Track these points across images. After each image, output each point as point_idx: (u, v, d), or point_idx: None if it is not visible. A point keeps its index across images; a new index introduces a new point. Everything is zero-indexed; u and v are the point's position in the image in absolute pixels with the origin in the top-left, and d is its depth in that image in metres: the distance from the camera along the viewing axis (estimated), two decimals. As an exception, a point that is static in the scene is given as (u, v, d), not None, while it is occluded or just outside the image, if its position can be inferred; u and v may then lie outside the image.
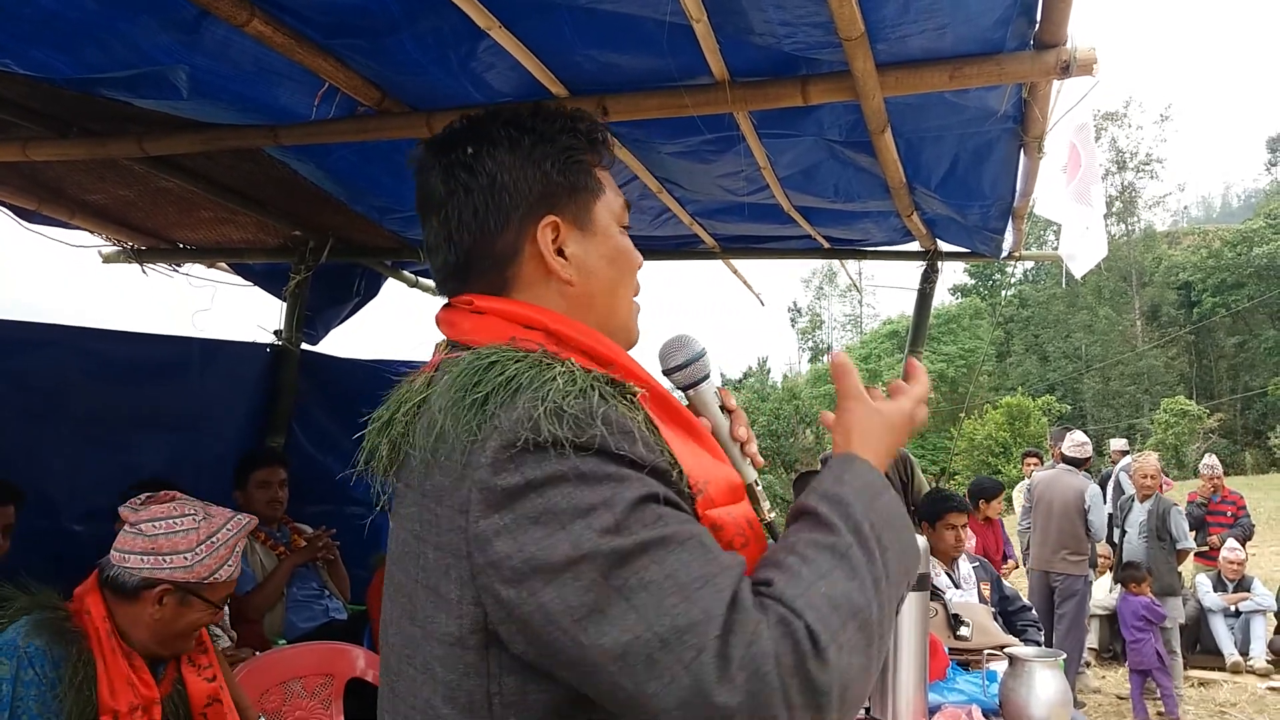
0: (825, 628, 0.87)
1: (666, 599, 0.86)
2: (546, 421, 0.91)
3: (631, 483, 0.92)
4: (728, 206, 3.83)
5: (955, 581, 3.99)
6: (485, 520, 0.92)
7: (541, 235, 1.11)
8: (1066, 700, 2.39)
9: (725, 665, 0.83)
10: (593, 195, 1.16)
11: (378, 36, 2.39)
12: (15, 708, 1.94)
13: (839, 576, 0.92)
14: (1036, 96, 2.55)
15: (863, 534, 0.96)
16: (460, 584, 0.95)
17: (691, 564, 0.88)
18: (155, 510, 2.16)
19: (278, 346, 4.81)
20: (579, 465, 0.91)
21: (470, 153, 1.12)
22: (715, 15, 2.17)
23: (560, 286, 1.13)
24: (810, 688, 0.85)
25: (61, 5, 2.18)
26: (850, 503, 0.99)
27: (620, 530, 0.88)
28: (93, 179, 3.72)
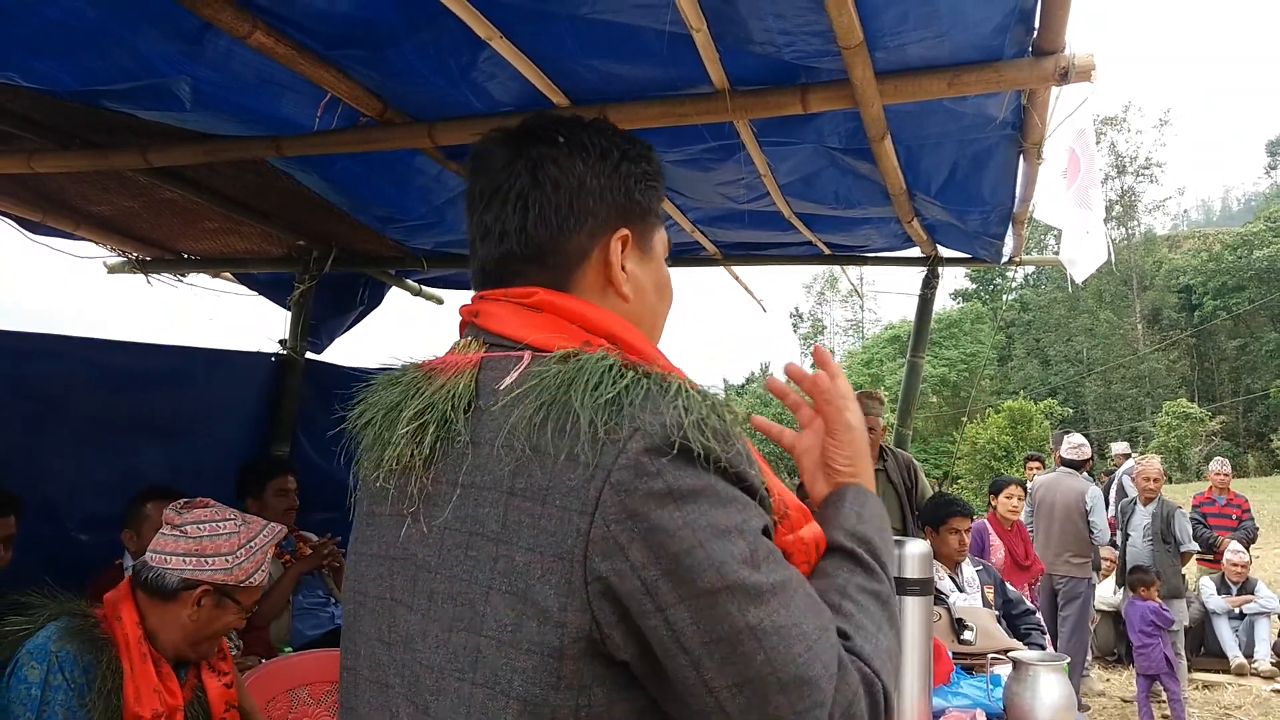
0: (889, 682, 0.95)
1: (794, 646, 0.88)
2: (695, 431, 0.89)
3: (754, 511, 0.93)
4: (729, 214, 3.84)
5: (959, 585, 3.99)
6: (619, 524, 0.88)
7: (614, 245, 1.11)
8: (1071, 704, 2.39)
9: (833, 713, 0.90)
10: (658, 222, 1.19)
11: (379, 47, 2.41)
12: (42, 712, 1.96)
13: (887, 627, 1.01)
14: (1035, 103, 2.56)
15: (889, 574, 1.05)
16: (566, 589, 0.89)
17: (809, 613, 0.92)
18: (198, 514, 2.22)
19: (282, 355, 4.82)
20: (717, 484, 0.90)
21: (565, 150, 1.11)
22: (715, 24, 2.18)
23: (616, 300, 1.12)
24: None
25: (65, 17, 2.19)
26: (877, 544, 1.07)
27: (754, 563, 0.89)
28: (96, 190, 3.74)
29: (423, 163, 3.24)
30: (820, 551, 1.07)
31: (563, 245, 1.09)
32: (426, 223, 3.84)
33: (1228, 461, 9.30)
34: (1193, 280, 44.82)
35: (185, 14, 2.18)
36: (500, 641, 0.91)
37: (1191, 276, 44.94)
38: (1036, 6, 2.10)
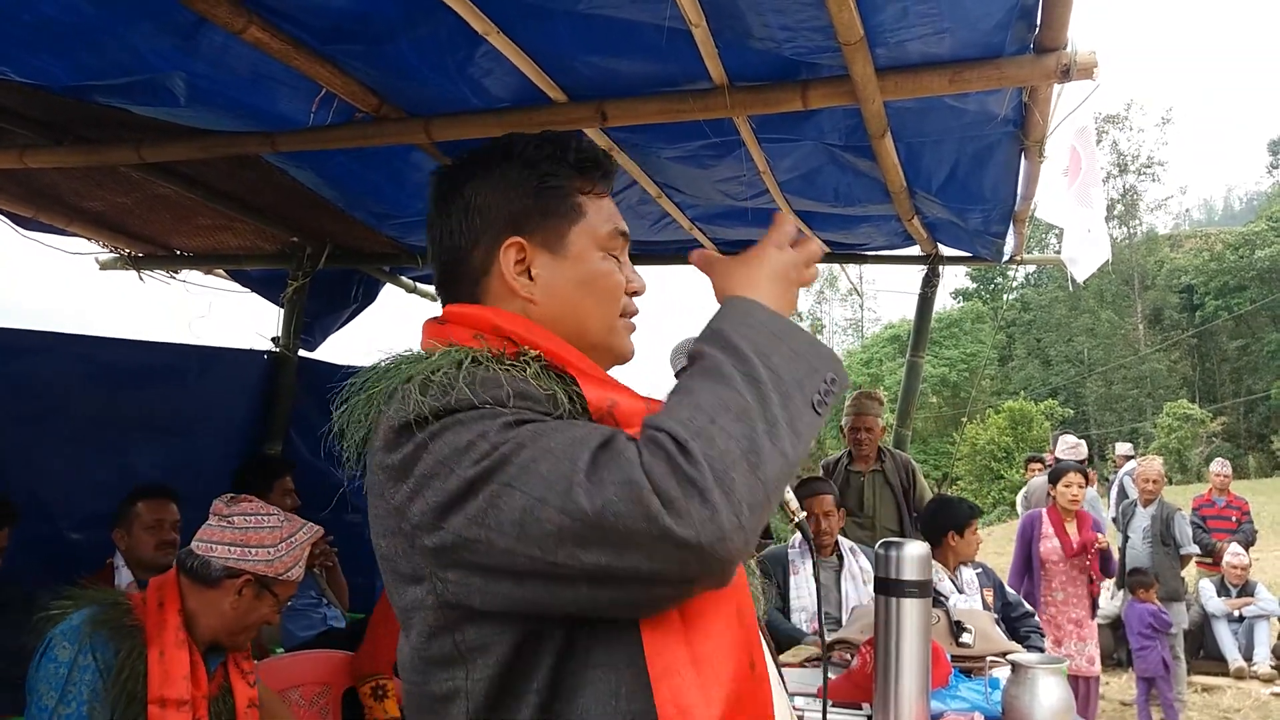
0: (687, 427, 0.92)
1: (540, 466, 0.93)
2: (416, 396, 1.02)
3: (501, 414, 1.00)
4: (728, 211, 3.83)
5: (958, 587, 3.98)
6: (396, 493, 1.02)
7: (504, 256, 1.19)
8: (1070, 707, 2.38)
9: (597, 488, 0.89)
10: (567, 221, 1.21)
11: (375, 42, 2.39)
12: (67, 691, 2.01)
13: (707, 386, 0.97)
14: (1037, 100, 2.54)
15: (733, 346, 0.99)
16: (408, 556, 1.03)
17: (561, 434, 0.96)
18: (244, 507, 2.32)
19: (275, 353, 4.80)
20: (449, 422, 1.00)
21: (458, 179, 1.23)
22: (714, 20, 2.16)
23: (523, 303, 1.19)
24: (683, 478, 0.88)
25: (59, 11, 2.18)
26: (721, 329, 1.03)
27: (495, 448, 0.96)
28: (90, 186, 3.72)
29: (419, 159, 3.22)
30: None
31: (464, 264, 1.22)
32: (422, 219, 3.80)
33: (1229, 463, 9.28)
34: (1194, 280, 44.80)
35: (180, 9, 2.16)
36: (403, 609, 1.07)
37: (1193, 276, 44.93)
38: (1038, 3, 2.08)
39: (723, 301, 1.09)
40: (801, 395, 0.99)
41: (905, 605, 2.17)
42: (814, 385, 1.01)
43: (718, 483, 0.89)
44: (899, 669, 2.18)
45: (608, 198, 1.27)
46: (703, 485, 0.88)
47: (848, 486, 4.97)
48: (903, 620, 2.17)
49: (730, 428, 0.92)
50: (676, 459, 0.90)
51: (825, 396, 1.02)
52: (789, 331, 1.04)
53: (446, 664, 1.03)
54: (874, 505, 4.91)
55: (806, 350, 1.03)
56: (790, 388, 0.98)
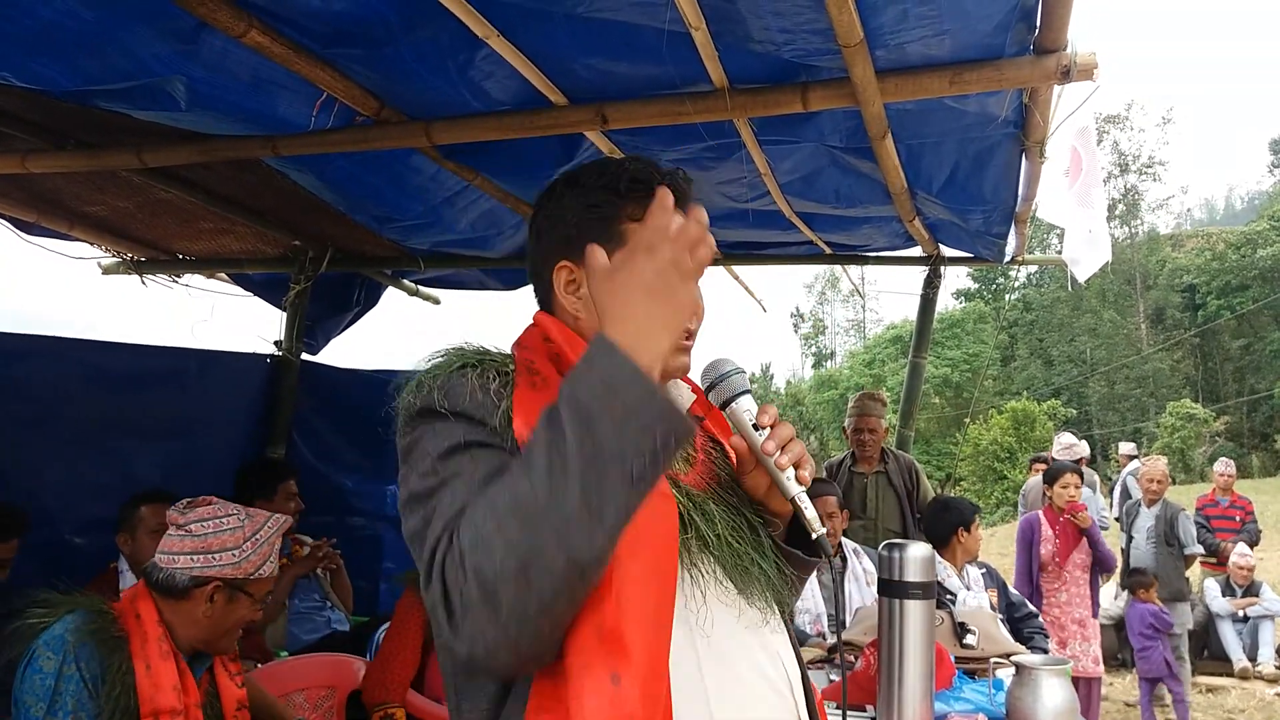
0: (471, 537, 0.99)
1: (435, 525, 1.06)
2: (409, 395, 1.21)
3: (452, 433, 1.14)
4: (729, 213, 3.82)
5: (966, 584, 3.98)
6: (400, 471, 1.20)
7: (556, 277, 1.33)
8: (1074, 709, 2.37)
9: (428, 580, 1.03)
10: (611, 246, 1.19)
11: (376, 46, 2.39)
12: (54, 702, 1.98)
13: (515, 477, 1.00)
14: (1037, 101, 2.54)
15: (556, 420, 0.98)
16: None
17: (457, 495, 1.08)
18: (201, 512, 2.24)
19: (278, 356, 4.81)
20: (427, 424, 1.17)
21: (537, 207, 1.39)
22: (714, 23, 2.16)
23: (572, 319, 1.32)
24: (460, 596, 0.98)
25: (59, 16, 2.18)
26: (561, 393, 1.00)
27: (431, 473, 1.12)
28: (91, 190, 3.72)
29: (420, 162, 3.22)
30: None
31: (538, 280, 1.38)
32: (423, 222, 3.82)
33: (1233, 463, 9.25)
34: (1196, 280, 44.73)
35: (180, 13, 2.16)
36: None
37: (1195, 276, 44.86)
38: (1038, 4, 2.08)
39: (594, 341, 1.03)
40: (619, 469, 0.95)
41: (909, 607, 2.16)
42: (640, 449, 0.96)
43: (484, 600, 0.96)
44: (902, 670, 2.17)
45: None
46: (468, 602, 0.97)
47: (850, 488, 4.96)
48: (906, 621, 2.16)
49: (513, 536, 0.95)
50: (455, 572, 0.99)
51: (651, 464, 0.98)
52: (626, 381, 0.98)
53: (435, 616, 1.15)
54: (876, 507, 4.91)
55: (639, 405, 0.97)
56: (607, 463, 0.95)
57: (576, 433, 0.96)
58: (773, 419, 1.29)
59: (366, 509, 4.99)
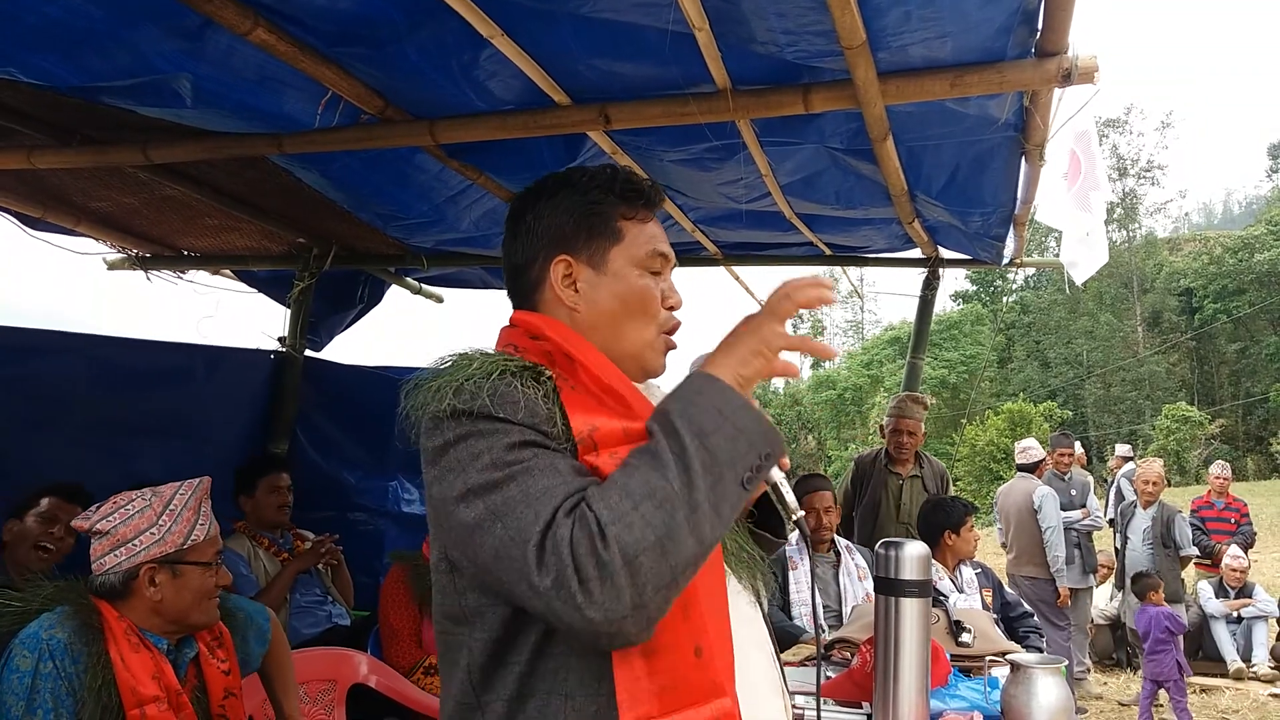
0: (611, 512, 1.05)
1: (518, 510, 1.10)
2: (451, 396, 1.19)
3: (510, 432, 1.16)
4: (730, 213, 3.84)
5: (957, 586, 3.99)
6: (427, 474, 1.22)
7: (553, 271, 1.36)
8: (1069, 707, 2.39)
9: (541, 554, 1.06)
10: (609, 241, 1.37)
11: (381, 45, 2.41)
12: (32, 700, 1.97)
13: (643, 470, 1.09)
14: (1038, 104, 2.56)
15: (674, 428, 1.11)
16: (434, 525, 1.25)
17: (541, 481, 1.12)
18: (104, 509, 2.20)
19: (281, 353, 4.82)
20: (473, 425, 1.17)
21: (524, 205, 1.41)
22: (717, 24, 2.18)
23: (569, 311, 1.35)
24: (598, 561, 1.03)
25: (65, 13, 2.19)
26: (670, 409, 1.14)
27: (495, 466, 1.13)
28: (97, 186, 3.73)
29: (424, 160, 3.24)
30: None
31: (524, 278, 1.40)
32: (427, 220, 3.84)
33: (1228, 465, 9.27)
34: (1193, 283, 44.74)
35: (186, 11, 2.18)
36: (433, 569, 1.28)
37: (1192, 279, 44.86)
38: (1040, 7, 2.09)
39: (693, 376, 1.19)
40: (733, 474, 1.11)
41: (905, 605, 2.18)
42: (748, 462, 1.13)
43: (626, 566, 1.03)
44: (898, 668, 2.19)
45: (651, 222, 1.41)
46: (612, 570, 1.03)
47: (885, 488, 4.95)
48: (902, 619, 2.18)
49: (649, 514, 1.05)
50: (595, 541, 1.04)
51: (755, 473, 1.15)
52: (735, 409, 1.14)
53: (456, 620, 1.23)
54: (910, 511, 4.85)
55: (748, 427, 1.14)
56: (723, 468, 1.10)
57: (694, 443, 1.10)
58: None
59: (368, 504, 4.99)
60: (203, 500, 2.28)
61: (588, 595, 1.03)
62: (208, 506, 2.29)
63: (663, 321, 1.39)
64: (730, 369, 1.19)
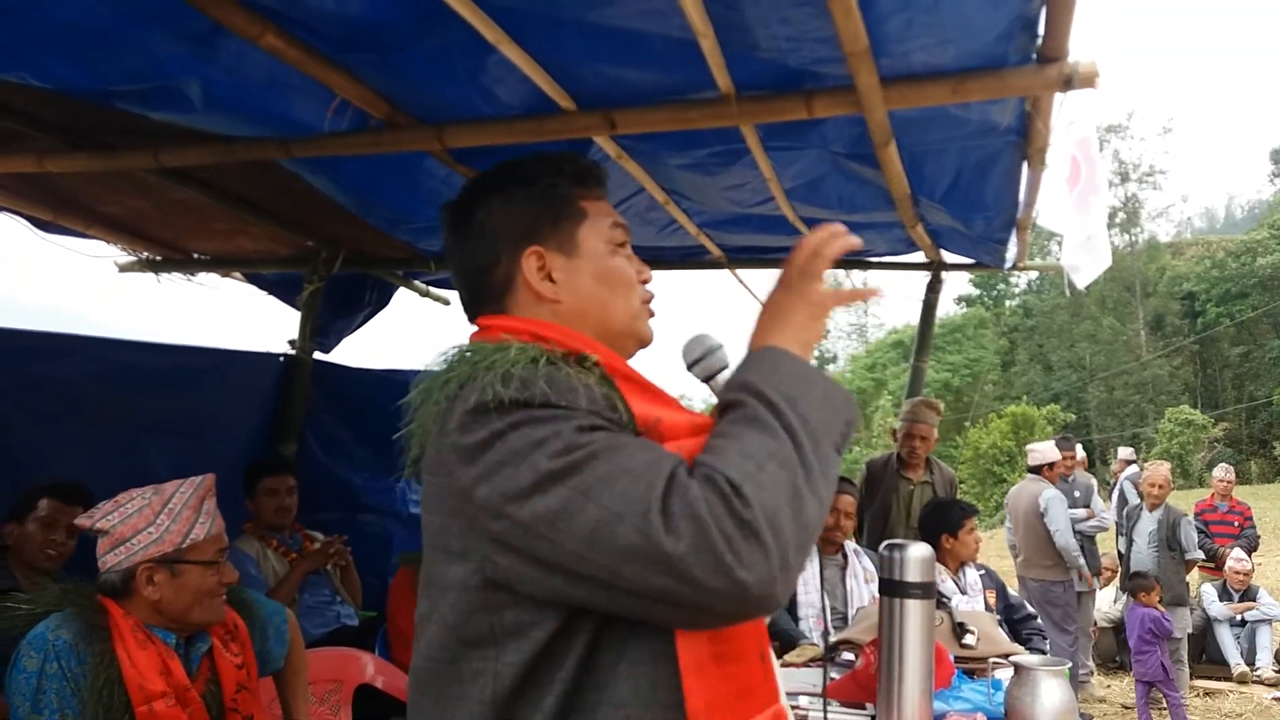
0: (739, 472, 0.98)
1: (617, 484, 0.99)
2: (497, 386, 1.08)
3: (576, 415, 1.06)
4: (734, 217, 3.86)
5: (961, 588, 4.01)
6: (464, 475, 1.08)
7: (526, 265, 1.27)
8: (1072, 709, 2.40)
9: (669, 519, 0.96)
10: (574, 222, 1.30)
11: (388, 51, 2.42)
12: (38, 700, 1.99)
13: (751, 434, 1.03)
14: (1039, 110, 2.57)
15: (767, 398, 1.06)
16: (462, 536, 1.09)
17: (636, 455, 1.03)
18: (105, 508, 2.20)
19: (291, 355, 4.85)
20: (528, 414, 1.06)
21: (469, 203, 1.31)
22: (721, 31, 2.19)
23: (550, 306, 1.27)
24: (740, 520, 0.95)
25: (77, 17, 2.21)
26: (752, 380, 1.09)
27: (570, 449, 1.02)
28: (107, 190, 3.76)
29: (431, 165, 3.26)
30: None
31: (489, 281, 1.29)
32: (434, 225, 3.82)
33: (1232, 469, 9.26)
34: (1196, 287, 44.62)
35: (197, 16, 2.20)
36: (440, 587, 1.13)
37: (1195, 283, 44.74)
38: (1041, 13, 2.11)
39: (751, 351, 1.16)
40: (829, 439, 1.08)
41: (909, 606, 2.19)
42: (837, 429, 1.10)
43: (769, 525, 0.96)
44: (902, 669, 2.21)
45: (604, 200, 1.36)
46: (757, 528, 0.96)
47: (897, 493, 4.95)
48: (906, 621, 2.19)
49: (775, 474, 1.00)
50: (733, 501, 0.96)
51: (843, 440, 1.11)
52: (814, 377, 1.12)
53: (478, 644, 1.10)
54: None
55: (831, 395, 1.11)
56: (819, 434, 1.06)
57: (788, 409, 1.05)
58: None
59: (376, 505, 5.01)
60: (205, 498, 2.27)
61: (736, 556, 0.94)
62: (211, 505, 2.28)
63: (641, 294, 1.35)
64: (793, 338, 1.16)
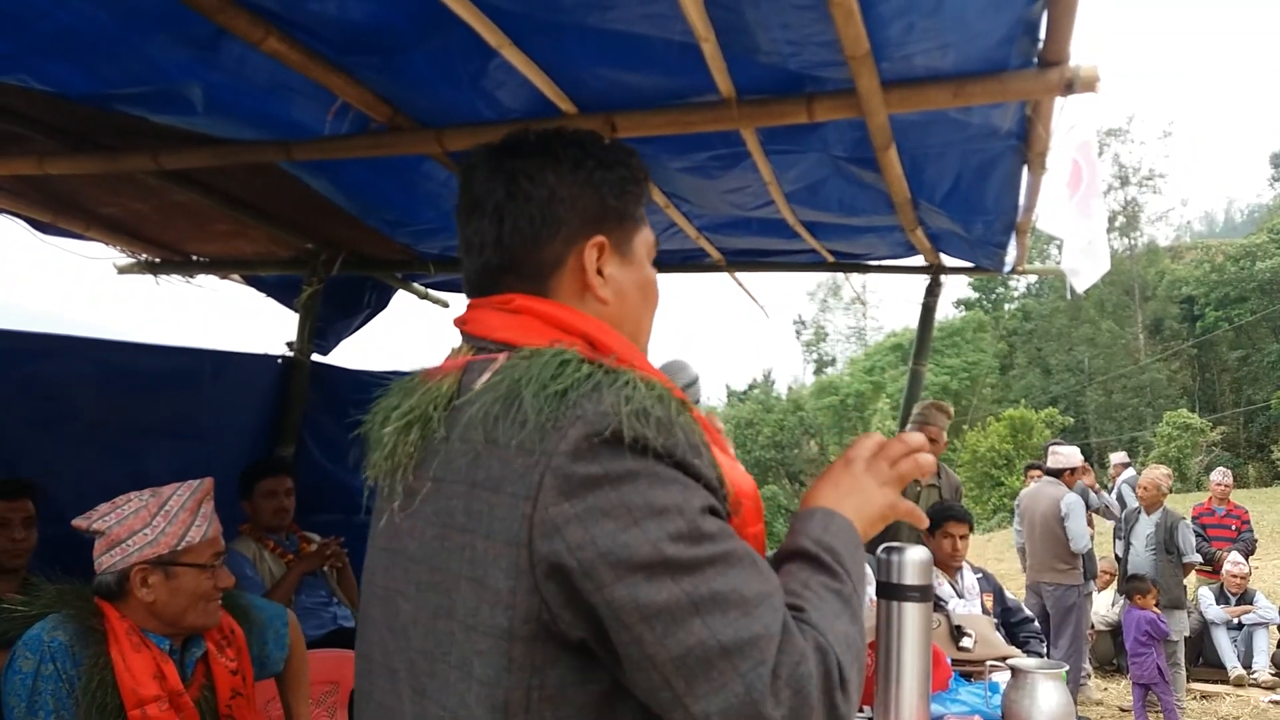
0: (847, 662, 0.96)
1: (731, 611, 0.91)
2: (633, 419, 0.94)
3: (696, 491, 0.96)
4: (734, 221, 3.86)
5: (958, 592, 4.01)
6: (556, 507, 0.93)
7: (589, 252, 1.16)
8: (1069, 712, 2.41)
9: (776, 680, 0.90)
10: (636, 226, 1.23)
11: (390, 54, 2.43)
12: (34, 701, 1.99)
13: (847, 620, 1.01)
14: (1040, 114, 2.58)
15: (854, 582, 1.06)
16: (514, 573, 0.95)
17: (752, 580, 0.94)
18: (103, 509, 2.20)
19: (289, 357, 4.85)
20: (654, 467, 0.94)
21: (537, 163, 1.16)
22: (723, 34, 2.20)
23: (595, 304, 1.16)
24: (834, 714, 0.93)
25: (79, 21, 2.21)
26: (840, 550, 1.08)
27: (692, 538, 0.92)
28: (107, 192, 3.76)
29: (431, 168, 3.26)
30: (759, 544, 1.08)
31: (537, 254, 1.15)
32: (434, 227, 3.86)
33: (1230, 473, 9.27)
34: (1195, 291, 44.67)
35: (199, 19, 2.20)
36: (466, 626, 0.97)
37: (1194, 287, 44.79)
38: (1042, 18, 2.12)
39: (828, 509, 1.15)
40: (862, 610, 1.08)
41: (906, 609, 2.18)
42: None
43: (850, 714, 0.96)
44: (900, 672, 2.20)
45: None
46: (842, 714, 0.94)
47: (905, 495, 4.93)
48: (903, 624, 2.19)
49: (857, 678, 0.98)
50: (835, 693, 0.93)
51: None
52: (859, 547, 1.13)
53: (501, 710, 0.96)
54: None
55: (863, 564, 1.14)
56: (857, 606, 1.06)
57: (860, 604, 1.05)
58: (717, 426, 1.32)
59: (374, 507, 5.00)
60: (202, 502, 2.26)
61: None
62: (208, 508, 2.27)
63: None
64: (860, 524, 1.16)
